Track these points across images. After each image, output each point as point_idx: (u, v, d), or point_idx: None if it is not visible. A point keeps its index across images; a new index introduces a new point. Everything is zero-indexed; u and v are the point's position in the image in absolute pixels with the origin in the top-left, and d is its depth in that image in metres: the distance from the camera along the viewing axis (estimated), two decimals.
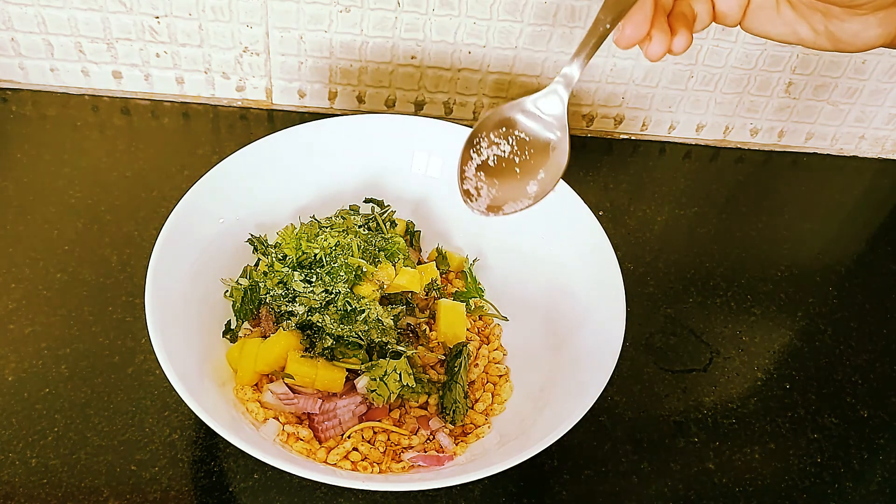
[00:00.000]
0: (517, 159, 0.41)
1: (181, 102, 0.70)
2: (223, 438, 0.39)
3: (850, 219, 0.71)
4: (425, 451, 0.47)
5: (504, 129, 0.41)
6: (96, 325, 0.53)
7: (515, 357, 0.53)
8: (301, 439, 0.47)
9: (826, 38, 0.38)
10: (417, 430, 0.48)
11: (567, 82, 0.39)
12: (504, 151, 0.41)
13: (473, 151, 0.41)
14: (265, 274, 0.50)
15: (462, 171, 0.42)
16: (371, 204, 0.56)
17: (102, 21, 0.64)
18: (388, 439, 0.48)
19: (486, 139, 0.41)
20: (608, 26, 0.36)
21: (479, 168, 0.42)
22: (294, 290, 0.49)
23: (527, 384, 0.51)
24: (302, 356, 0.47)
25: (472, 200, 0.42)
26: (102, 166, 0.64)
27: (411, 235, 0.57)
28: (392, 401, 0.47)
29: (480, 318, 0.55)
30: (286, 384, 0.47)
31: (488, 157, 0.41)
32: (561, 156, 0.40)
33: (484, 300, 0.56)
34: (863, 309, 0.63)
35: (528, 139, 0.41)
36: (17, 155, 0.64)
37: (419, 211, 0.58)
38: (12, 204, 0.60)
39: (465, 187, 0.42)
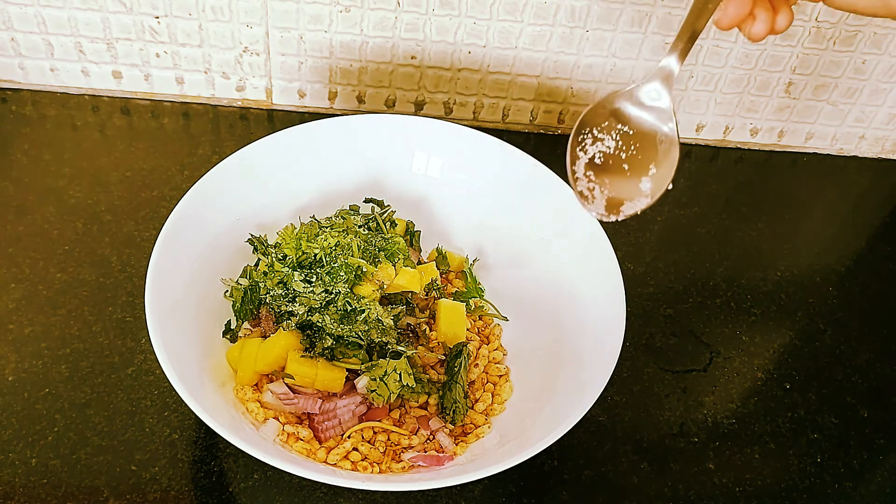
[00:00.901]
0: (623, 155, 0.39)
1: (181, 102, 0.70)
2: (223, 438, 0.39)
3: (850, 219, 0.71)
4: (425, 451, 0.47)
5: (607, 123, 0.39)
6: (96, 325, 0.53)
7: (515, 357, 0.53)
8: (301, 439, 0.47)
9: (883, 3, 0.36)
10: (417, 430, 0.48)
11: (666, 74, 0.37)
12: (609, 147, 0.39)
13: (580, 150, 0.39)
14: (265, 274, 0.50)
15: (572, 173, 0.40)
16: (371, 204, 0.56)
17: (102, 21, 0.64)
18: (388, 439, 0.48)
19: (589, 135, 0.39)
20: (710, 6, 0.35)
21: (587, 167, 0.40)
22: (294, 290, 0.49)
23: (527, 384, 0.51)
24: (302, 356, 0.47)
25: (588, 203, 0.40)
26: (102, 166, 0.64)
27: (411, 235, 0.57)
28: (392, 401, 0.47)
29: (480, 318, 0.55)
30: (286, 384, 0.47)
31: (594, 155, 0.39)
32: (672, 148, 0.38)
33: (484, 300, 0.56)
34: (863, 309, 0.63)
35: (632, 132, 0.39)
36: (17, 155, 0.64)
37: (419, 211, 0.58)
38: (12, 204, 0.60)
39: (578, 189, 0.40)
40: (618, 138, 0.39)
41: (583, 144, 0.40)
